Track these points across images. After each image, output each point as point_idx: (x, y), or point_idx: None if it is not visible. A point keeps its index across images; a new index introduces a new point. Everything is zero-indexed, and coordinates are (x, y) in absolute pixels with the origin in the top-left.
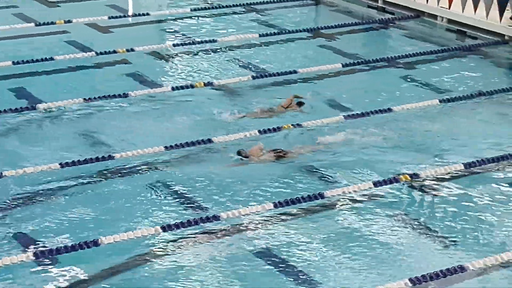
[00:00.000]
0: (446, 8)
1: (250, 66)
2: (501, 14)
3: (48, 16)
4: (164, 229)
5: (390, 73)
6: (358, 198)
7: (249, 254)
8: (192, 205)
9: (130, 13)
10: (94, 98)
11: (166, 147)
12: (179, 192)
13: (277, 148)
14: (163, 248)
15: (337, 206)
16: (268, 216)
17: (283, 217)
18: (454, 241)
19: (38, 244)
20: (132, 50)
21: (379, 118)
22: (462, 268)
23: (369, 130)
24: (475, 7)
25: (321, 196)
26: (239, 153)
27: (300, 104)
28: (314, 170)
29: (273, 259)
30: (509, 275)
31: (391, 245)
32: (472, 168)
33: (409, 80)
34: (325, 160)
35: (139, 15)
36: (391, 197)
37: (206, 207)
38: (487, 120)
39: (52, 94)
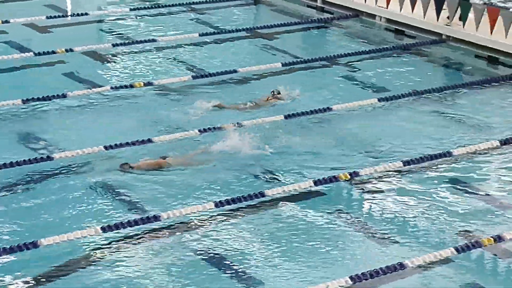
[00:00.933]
0: (384, 8)
1: (190, 66)
2: (438, 13)
3: None
4: (104, 230)
5: (329, 72)
6: (298, 197)
7: (190, 254)
8: (132, 205)
9: (68, 13)
10: (33, 98)
11: (105, 147)
12: (119, 192)
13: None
14: (103, 249)
15: (278, 204)
16: (209, 216)
17: (225, 216)
18: (393, 238)
19: None
20: (71, 50)
21: (319, 117)
22: (401, 266)
23: (308, 129)
24: (413, 7)
25: (262, 194)
26: (122, 166)
27: (275, 94)
28: (255, 169)
29: (214, 258)
30: (447, 272)
31: (332, 243)
32: (410, 166)
33: (348, 79)
34: (267, 159)
35: (78, 15)
36: (331, 196)
37: (147, 207)
38: (425, 118)
39: None
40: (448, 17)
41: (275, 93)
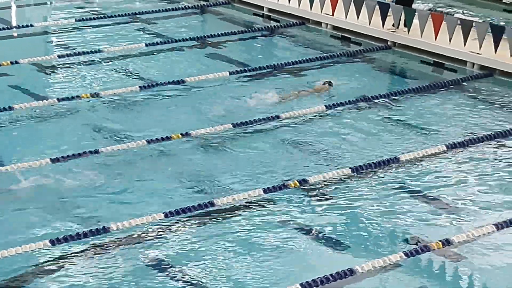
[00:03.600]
0: (330, 15)
1: (137, 76)
2: (383, 20)
3: None
4: (53, 242)
5: (277, 80)
6: (248, 205)
7: (141, 265)
8: (81, 217)
9: (13, 24)
10: None
11: (52, 160)
12: (68, 204)
13: None
14: (53, 262)
15: (228, 213)
16: (159, 226)
17: (175, 226)
18: (343, 244)
19: None
20: (17, 62)
21: (268, 124)
22: (351, 271)
23: (257, 137)
24: (358, 14)
25: (212, 204)
26: None
27: (330, 83)
28: (204, 178)
29: (165, 268)
30: (397, 276)
31: (282, 250)
32: (359, 172)
33: (295, 87)
34: (215, 167)
35: (23, 26)
36: (281, 203)
37: (96, 219)
38: (372, 124)
39: None
40: (393, 24)
41: (328, 83)
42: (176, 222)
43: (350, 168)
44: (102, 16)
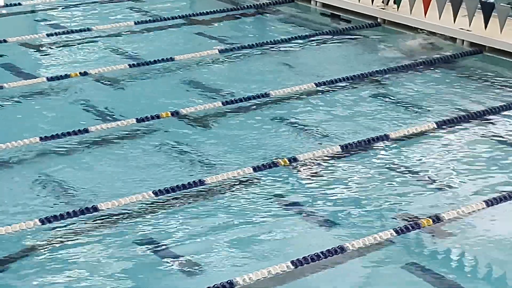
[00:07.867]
0: None
1: (126, 55)
2: None
3: None
4: (43, 222)
5: (267, 58)
6: (238, 184)
7: (132, 245)
8: (70, 196)
9: (1, 3)
10: None
11: (41, 138)
12: (56, 184)
13: None
14: (43, 242)
15: (218, 192)
16: (149, 205)
17: (165, 205)
18: (333, 222)
19: None
20: (5, 41)
21: (257, 102)
22: (342, 249)
23: (246, 116)
24: None
25: (202, 182)
26: None
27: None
28: (194, 156)
29: (157, 248)
30: (388, 253)
31: (273, 229)
32: (349, 150)
33: (285, 64)
34: (205, 145)
35: (11, 5)
36: (272, 182)
37: (85, 199)
38: (362, 102)
39: None
40: (382, 1)
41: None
42: (166, 201)
43: (340, 145)
44: None
